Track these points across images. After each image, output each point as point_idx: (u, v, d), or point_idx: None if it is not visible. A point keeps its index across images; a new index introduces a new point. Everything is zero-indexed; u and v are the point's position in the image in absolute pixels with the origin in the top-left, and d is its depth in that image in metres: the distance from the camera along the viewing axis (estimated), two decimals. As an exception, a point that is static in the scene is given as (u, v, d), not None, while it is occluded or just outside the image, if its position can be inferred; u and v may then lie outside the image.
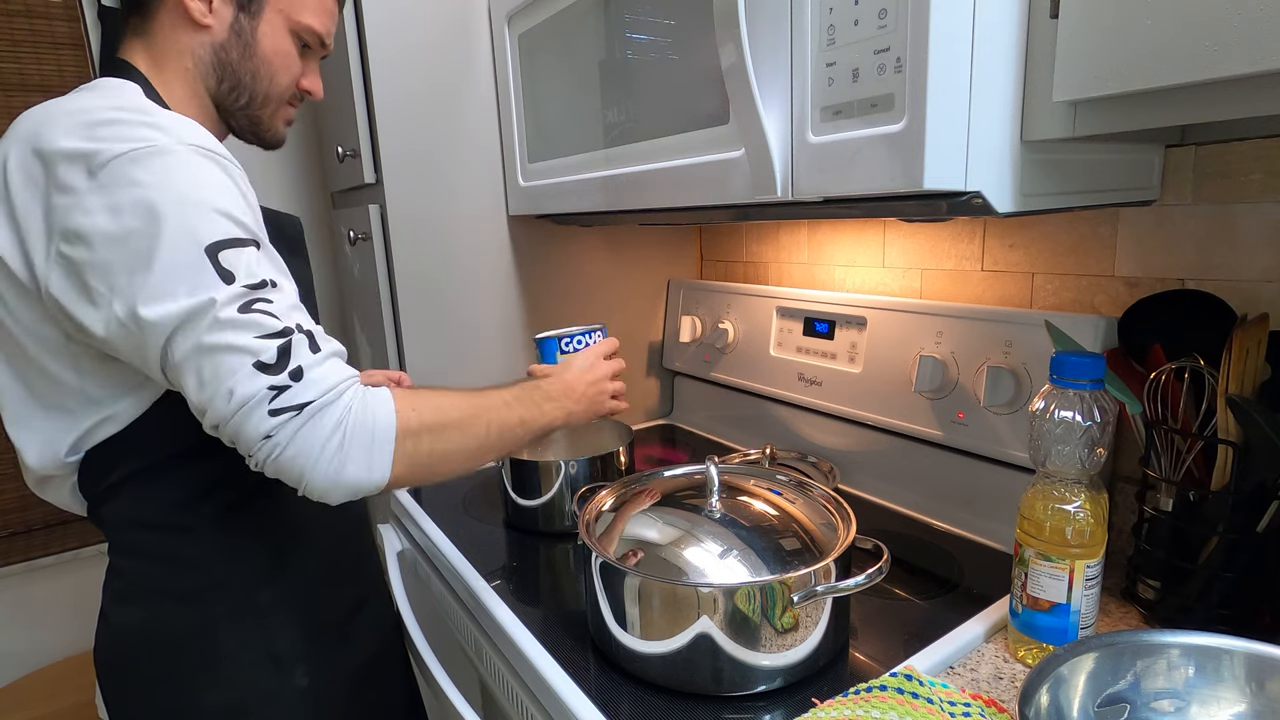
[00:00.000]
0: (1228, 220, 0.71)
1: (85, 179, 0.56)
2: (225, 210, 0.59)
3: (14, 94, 1.27)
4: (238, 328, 0.55)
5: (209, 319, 0.55)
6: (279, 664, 0.71)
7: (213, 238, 0.57)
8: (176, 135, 0.59)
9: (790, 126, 0.64)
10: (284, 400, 0.55)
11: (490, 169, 1.18)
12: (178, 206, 0.56)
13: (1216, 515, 0.63)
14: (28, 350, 0.63)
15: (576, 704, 0.61)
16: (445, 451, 0.64)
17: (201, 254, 0.56)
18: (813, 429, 1.11)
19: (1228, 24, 0.43)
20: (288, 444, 0.56)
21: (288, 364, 0.56)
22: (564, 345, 0.88)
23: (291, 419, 0.55)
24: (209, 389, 0.55)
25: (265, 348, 0.56)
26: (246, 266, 0.58)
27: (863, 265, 1.10)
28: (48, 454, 0.66)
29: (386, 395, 0.61)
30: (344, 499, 0.60)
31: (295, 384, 0.56)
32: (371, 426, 0.59)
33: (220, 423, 0.56)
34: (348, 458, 0.57)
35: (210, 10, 0.68)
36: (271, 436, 0.56)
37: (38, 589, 1.44)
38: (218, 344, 0.55)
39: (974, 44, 0.53)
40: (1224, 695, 0.53)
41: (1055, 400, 0.62)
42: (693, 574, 0.63)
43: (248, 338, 0.55)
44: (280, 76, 0.73)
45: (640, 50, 0.86)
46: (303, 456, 0.56)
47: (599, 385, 0.83)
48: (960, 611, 0.72)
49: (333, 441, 0.57)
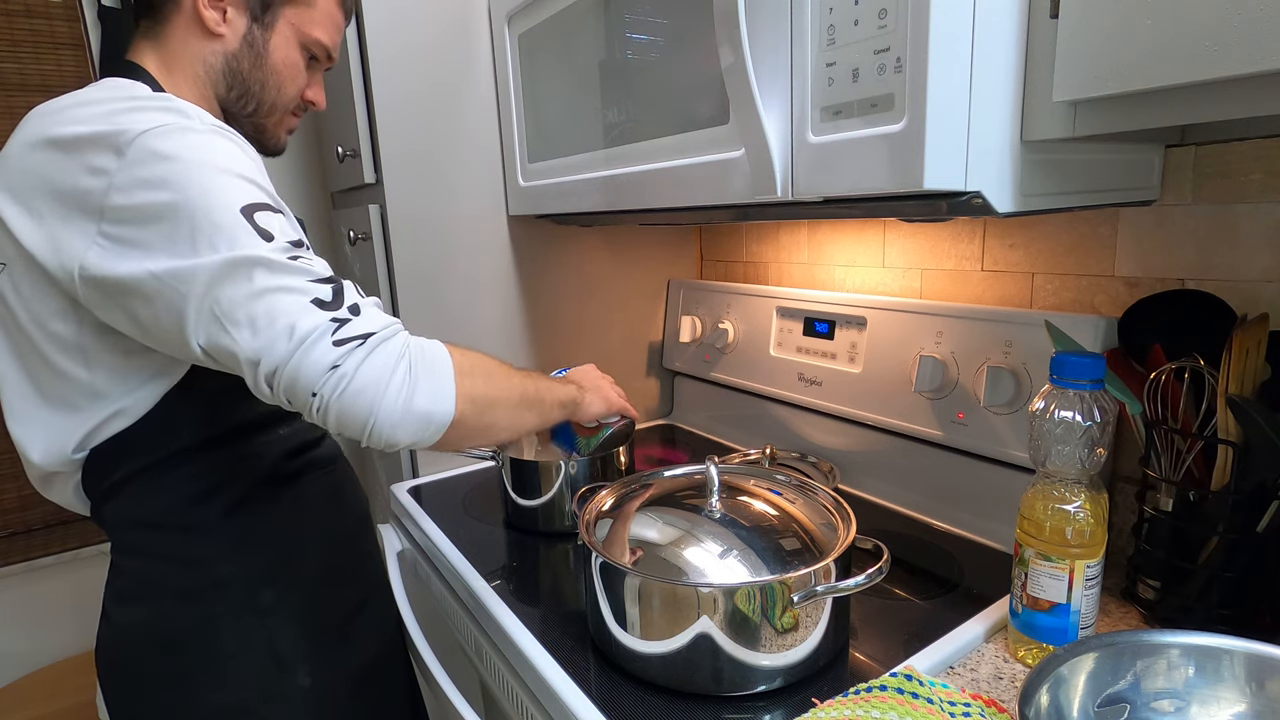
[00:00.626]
0: (1228, 220, 0.71)
1: (114, 158, 0.57)
2: (253, 179, 0.60)
3: (14, 94, 1.27)
4: (291, 272, 0.57)
5: (262, 266, 0.56)
6: (281, 664, 0.71)
7: (247, 200, 0.58)
8: (198, 116, 0.62)
9: (790, 126, 0.64)
10: (347, 331, 0.56)
11: (490, 169, 1.18)
12: (208, 174, 0.57)
13: (1216, 515, 0.63)
14: (38, 345, 0.63)
15: (576, 704, 0.62)
16: (493, 397, 0.65)
17: (238, 215, 0.57)
18: (813, 429, 1.11)
19: (1228, 24, 0.43)
20: (355, 373, 0.55)
21: (343, 302, 0.57)
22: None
23: (358, 347, 0.56)
24: (266, 332, 0.55)
25: (320, 289, 0.57)
26: (281, 227, 0.59)
27: (863, 265, 1.10)
28: (54, 450, 0.66)
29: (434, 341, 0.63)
30: (412, 437, 0.59)
31: (355, 318, 0.57)
32: (433, 359, 0.60)
33: (280, 364, 0.55)
34: (417, 385, 0.58)
35: (225, 20, 0.70)
36: (339, 366, 0.55)
37: (38, 589, 1.44)
38: (273, 286, 0.56)
39: (974, 44, 0.53)
40: (1224, 695, 0.53)
41: (1055, 400, 0.62)
42: (693, 574, 0.63)
43: (302, 280, 0.57)
44: (288, 87, 0.75)
45: (640, 50, 0.86)
46: (372, 385, 0.56)
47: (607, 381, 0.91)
48: (960, 611, 0.72)
49: (400, 368, 0.57)
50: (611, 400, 0.88)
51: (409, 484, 1.15)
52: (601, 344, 1.36)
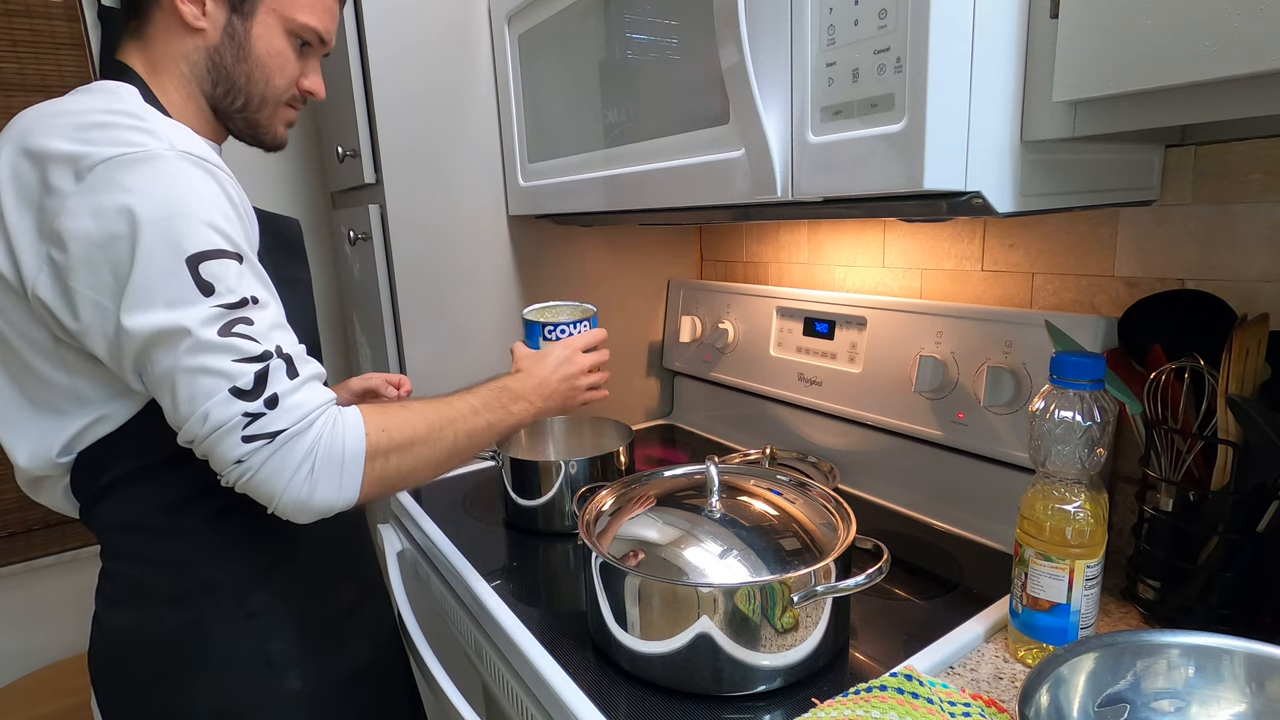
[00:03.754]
0: (1228, 220, 0.71)
1: (73, 182, 0.56)
2: (210, 221, 0.58)
3: (14, 94, 1.27)
4: (216, 351, 0.56)
5: (189, 340, 0.55)
6: (271, 667, 0.71)
7: (194, 248, 0.57)
8: (168, 141, 0.59)
9: (790, 126, 0.64)
10: (257, 427, 0.56)
11: (490, 169, 1.18)
12: (162, 214, 0.56)
13: (1216, 515, 0.63)
14: (19, 351, 0.63)
15: (576, 704, 0.61)
16: (414, 466, 0.66)
17: (182, 264, 0.56)
18: (813, 429, 1.11)
19: (1228, 24, 0.43)
20: (259, 469, 0.57)
21: (263, 391, 0.57)
22: (547, 333, 0.88)
23: (264, 446, 0.57)
24: (184, 409, 0.56)
25: (242, 372, 0.56)
26: (228, 281, 0.58)
27: (863, 265, 1.10)
28: (39, 454, 0.65)
29: (357, 419, 0.62)
30: (313, 519, 0.61)
31: (270, 411, 0.57)
32: (342, 451, 0.60)
33: (194, 442, 0.58)
34: (317, 483, 0.59)
35: (204, 13, 0.67)
36: (243, 461, 0.57)
37: (38, 589, 1.44)
38: (195, 366, 0.56)
39: (974, 44, 0.53)
40: (1224, 695, 0.53)
41: (1055, 400, 0.62)
42: (693, 574, 0.63)
43: (225, 361, 0.56)
44: (276, 78, 0.72)
45: (640, 50, 0.86)
46: (273, 481, 0.58)
47: (572, 381, 0.84)
48: (960, 611, 0.72)
49: (303, 468, 0.58)
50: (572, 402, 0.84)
51: (409, 484, 1.15)
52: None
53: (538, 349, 0.87)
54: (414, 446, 0.66)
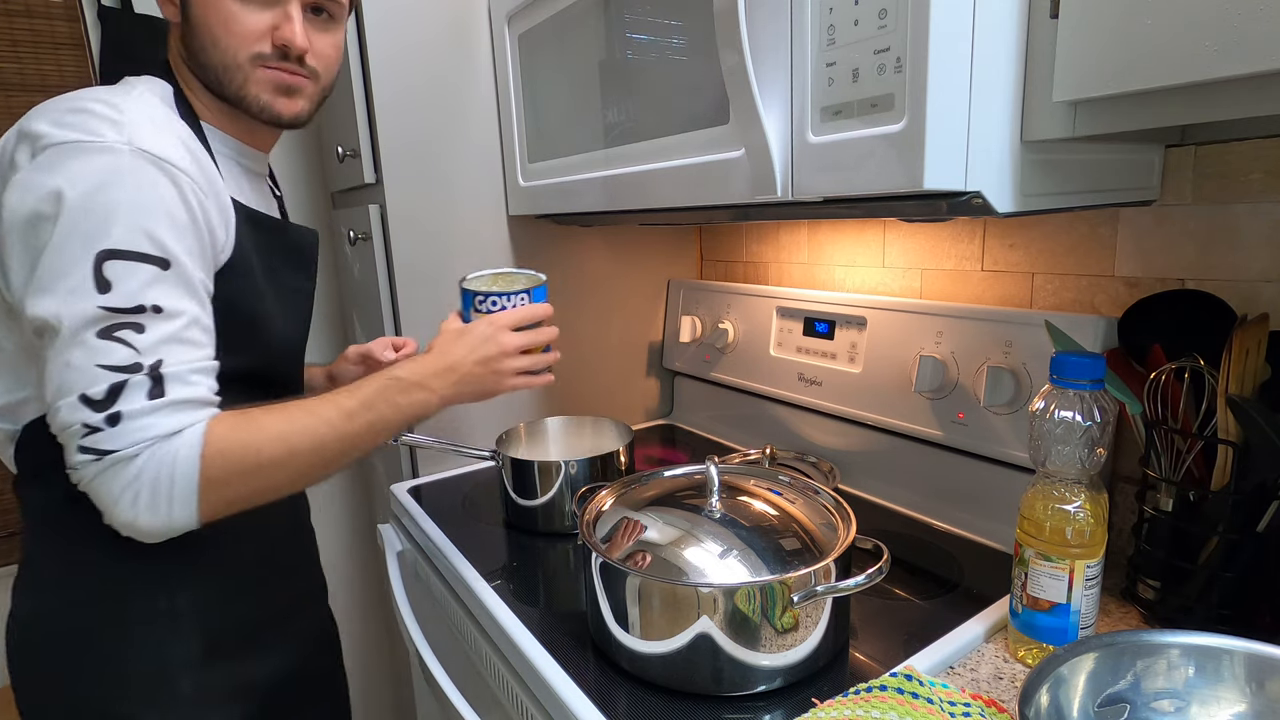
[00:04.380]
0: (1228, 220, 0.71)
1: (28, 159, 0.57)
2: (140, 223, 0.57)
3: (14, 94, 1.27)
4: (87, 350, 0.56)
5: (64, 332, 0.56)
6: (166, 669, 0.68)
7: (109, 245, 0.56)
8: (129, 136, 0.58)
9: (790, 126, 0.64)
10: (91, 441, 0.56)
11: (490, 169, 1.18)
12: (86, 204, 0.56)
13: (1216, 515, 0.63)
14: None
15: (576, 704, 0.61)
16: (264, 487, 0.64)
17: (90, 257, 0.56)
18: (813, 429, 1.11)
19: (1228, 24, 0.43)
20: (89, 481, 0.58)
21: (111, 405, 0.56)
22: (478, 304, 0.80)
23: (93, 462, 0.57)
24: (49, 399, 0.57)
25: (100, 380, 0.56)
26: (129, 285, 0.57)
27: (863, 265, 1.10)
28: None
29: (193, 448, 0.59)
30: (149, 540, 0.61)
31: (107, 429, 0.56)
32: (170, 483, 0.58)
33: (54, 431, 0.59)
34: (139, 511, 0.58)
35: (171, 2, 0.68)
36: (76, 470, 0.57)
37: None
38: (62, 361, 0.56)
39: (974, 44, 0.53)
40: (1224, 695, 0.53)
41: (1055, 400, 0.62)
42: (693, 574, 0.63)
43: (89, 364, 0.56)
44: (226, 39, 0.66)
45: (640, 50, 0.86)
46: (101, 497, 0.58)
47: (493, 365, 0.76)
48: (960, 611, 0.72)
49: (128, 494, 0.58)
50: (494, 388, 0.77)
51: (409, 484, 1.15)
52: (601, 344, 1.36)
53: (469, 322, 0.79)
54: (262, 470, 0.63)
